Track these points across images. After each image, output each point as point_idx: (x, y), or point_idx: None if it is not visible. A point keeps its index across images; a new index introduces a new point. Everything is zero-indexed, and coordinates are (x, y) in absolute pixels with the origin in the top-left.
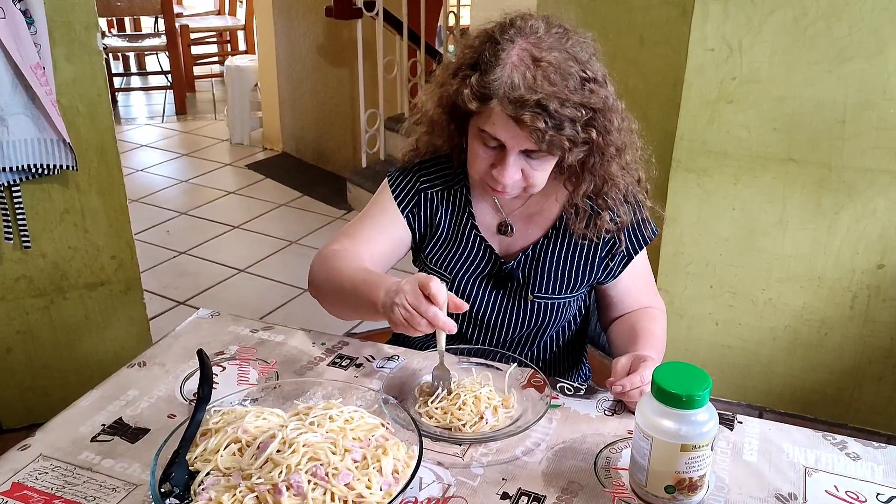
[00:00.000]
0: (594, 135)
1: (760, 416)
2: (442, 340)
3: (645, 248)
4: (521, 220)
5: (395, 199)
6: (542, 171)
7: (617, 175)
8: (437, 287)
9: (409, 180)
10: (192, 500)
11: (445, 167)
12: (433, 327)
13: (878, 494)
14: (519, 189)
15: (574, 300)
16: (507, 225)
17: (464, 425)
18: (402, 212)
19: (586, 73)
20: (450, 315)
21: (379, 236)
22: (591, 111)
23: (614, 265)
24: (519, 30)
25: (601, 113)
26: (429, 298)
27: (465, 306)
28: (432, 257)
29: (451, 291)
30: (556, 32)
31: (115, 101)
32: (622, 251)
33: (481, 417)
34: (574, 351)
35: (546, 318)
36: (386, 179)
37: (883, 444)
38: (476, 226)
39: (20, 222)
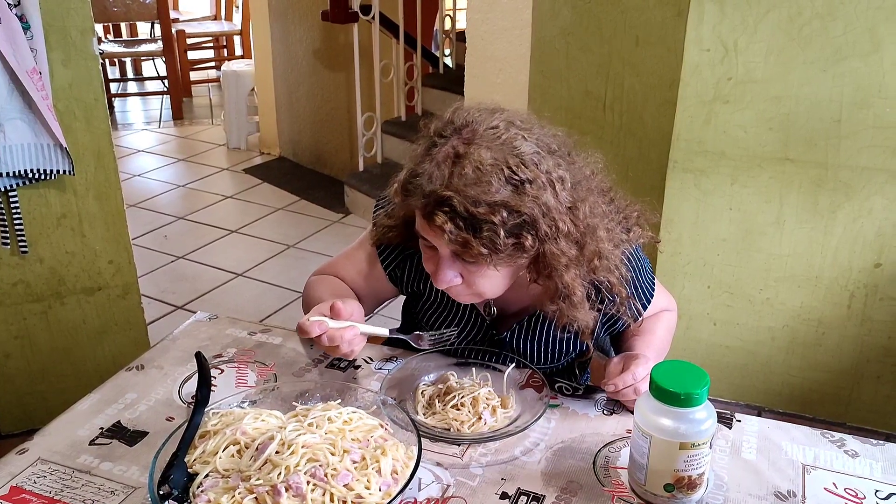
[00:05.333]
0: (529, 241)
1: (759, 416)
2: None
3: (649, 306)
4: (512, 290)
5: (380, 255)
6: (483, 278)
7: (573, 285)
8: (309, 326)
9: (396, 243)
10: (191, 502)
11: None
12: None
13: (877, 491)
14: (470, 295)
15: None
16: (489, 305)
17: (462, 425)
18: (386, 269)
19: (516, 173)
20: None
21: (361, 283)
22: (520, 215)
23: (618, 328)
24: (456, 127)
25: (535, 219)
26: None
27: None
28: (425, 320)
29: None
30: (493, 126)
31: (111, 107)
32: (623, 319)
33: (479, 418)
34: (578, 365)
35: (545, 374)
36: (370, 237)
37: (881, 441)
38: None
39: (17, 227)
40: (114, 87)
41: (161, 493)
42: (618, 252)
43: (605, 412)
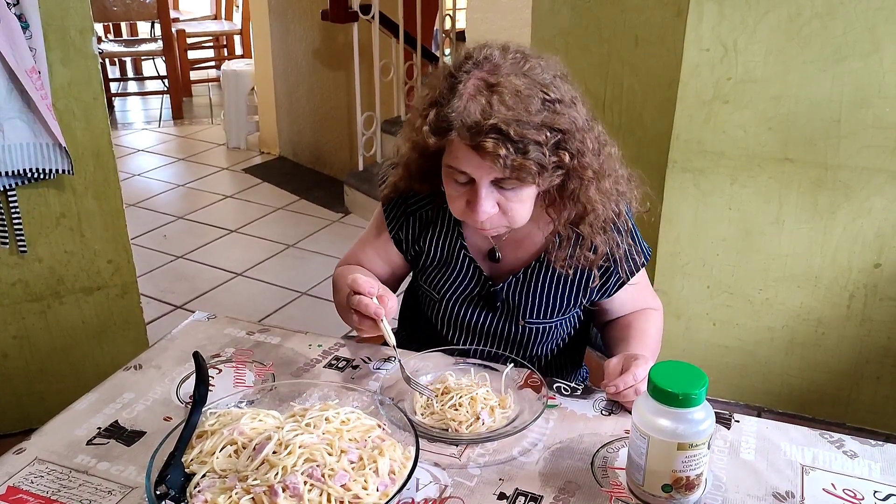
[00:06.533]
0: (567, 158)
1: (758, 416)
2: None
3: (642, 269)
4: (511, 244)
5: (386, 219)
6: (519, 203)
7: (596, 200)
8: (362, 282)
9: (400, 202)
10: (188, 502)
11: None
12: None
13: (876, 492)
14: (502, 226)
15: (568, 319)
16: (495, 252)
17: (460, 425)
18: (391, 233)
19: (548, 94)
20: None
21: (375, 259)
22: (559, 132)
23: (610, 286)
24: (475, 62)
25: (571, 134)
26: (358, 293)
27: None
28: (424, 278)
29: (441, 313)
30: (512, 58)
31: (111, 106)
32: (617, 273)
33: (477, 418)
34: (572, 357)
35: (539, 339)
36: (380, 206)
37: (880, 442)
38: (466, 246)
39: (16, 227)
40: (114, 86)
41: (158, 493)
42: (623, 174)
43: (603, 412)
